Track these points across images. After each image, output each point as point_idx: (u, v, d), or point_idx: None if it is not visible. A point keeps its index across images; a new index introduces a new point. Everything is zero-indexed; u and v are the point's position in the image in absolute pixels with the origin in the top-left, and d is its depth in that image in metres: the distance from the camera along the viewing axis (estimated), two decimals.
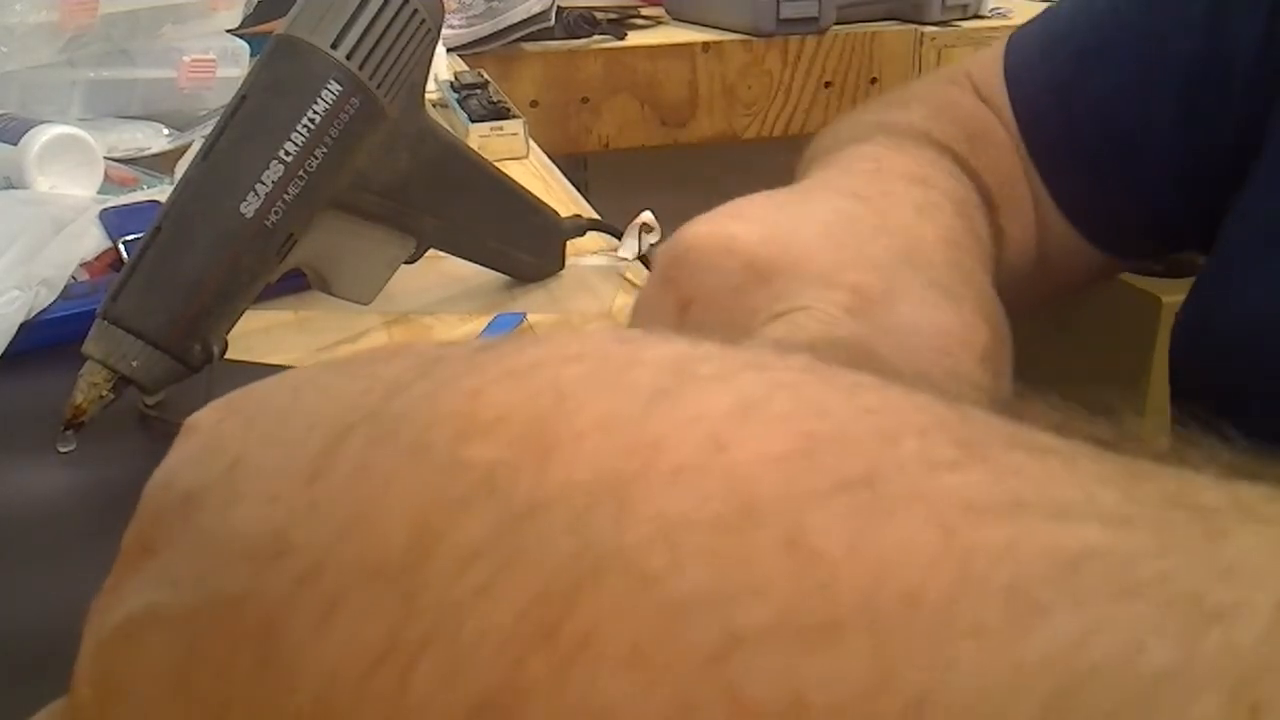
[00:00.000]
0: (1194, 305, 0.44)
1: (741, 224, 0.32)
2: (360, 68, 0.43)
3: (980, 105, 0.50)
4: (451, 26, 1.14)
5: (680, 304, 0.32)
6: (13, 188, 0.62)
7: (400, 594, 0.13)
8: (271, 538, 0.14)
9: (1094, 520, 0.11)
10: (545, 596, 0.12)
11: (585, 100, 1.24)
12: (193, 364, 0.40)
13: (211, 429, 0.17)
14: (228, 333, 0.42)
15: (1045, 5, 0.54)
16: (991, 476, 0.12)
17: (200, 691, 0.14)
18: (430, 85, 0.52)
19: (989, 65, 0.51)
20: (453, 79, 0.91)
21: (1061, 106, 0.48)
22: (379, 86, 0.44)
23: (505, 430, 0.13)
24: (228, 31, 0.81)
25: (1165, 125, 0.45)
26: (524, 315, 0.52)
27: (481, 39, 1.16)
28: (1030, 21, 0.52)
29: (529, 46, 1.20)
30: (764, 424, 0.13)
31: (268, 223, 0.41)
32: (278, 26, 0.44)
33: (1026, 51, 0.50)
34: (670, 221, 0.60)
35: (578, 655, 0.11)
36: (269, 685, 0.14)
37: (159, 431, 0.41)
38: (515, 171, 0.66)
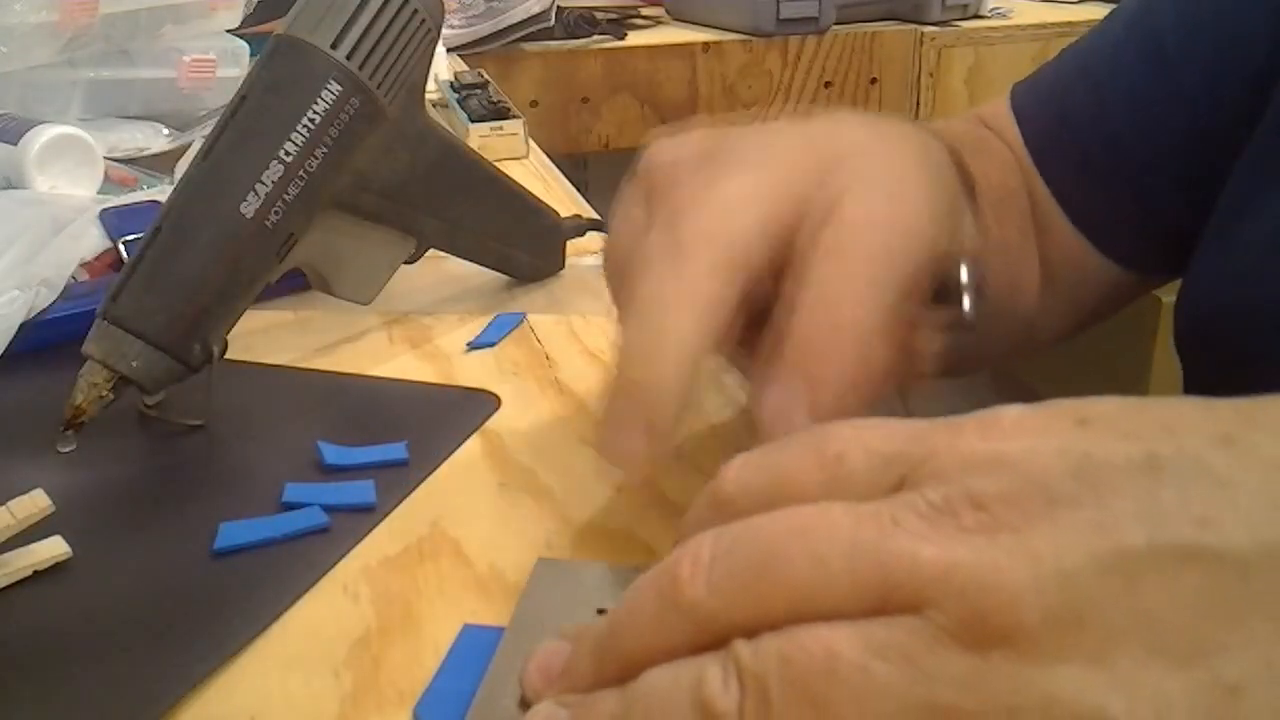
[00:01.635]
0: (1197, 269, 0.45)
1: (700, 125, 0.35)
2: (360, 68, 0.43)
3: (987, 131, 0.51)
4: (451, 26, 1.14)
5: (646, 195, 0.34)
6: (13, 188, 0.62)
7: None
8: None
9: None
10: None
11: (585, 100, 1.24)
12: (193, 364, 0.40)
13: None
14: (228, 333, 0.42)
15: (1045, 5, 0.55)
16: None
17: None
18: (430, 85, 0.52)
19: (996, 109, 0.54)
20: (453, 79, 0.91)
21: (1074, 137, 0.50)
22: (379, 86, 0.44)
23: None
24: (228, 31, 0.81)
25: (1179, 140, 0.46)
26: (524, 315, 0.52)
27: (481, 39, 1.16)
28: (1034, 74, 0.54)
29: (529, 46, 1.20)
30: None
31: (268, 223, 0.41)
32: (278, 26, 0.44)
33: (1035, 93, 0.53)
34: None
35: None
36: None
37: (159, 431, 0.41)
38: (515, 171, 0.66)
